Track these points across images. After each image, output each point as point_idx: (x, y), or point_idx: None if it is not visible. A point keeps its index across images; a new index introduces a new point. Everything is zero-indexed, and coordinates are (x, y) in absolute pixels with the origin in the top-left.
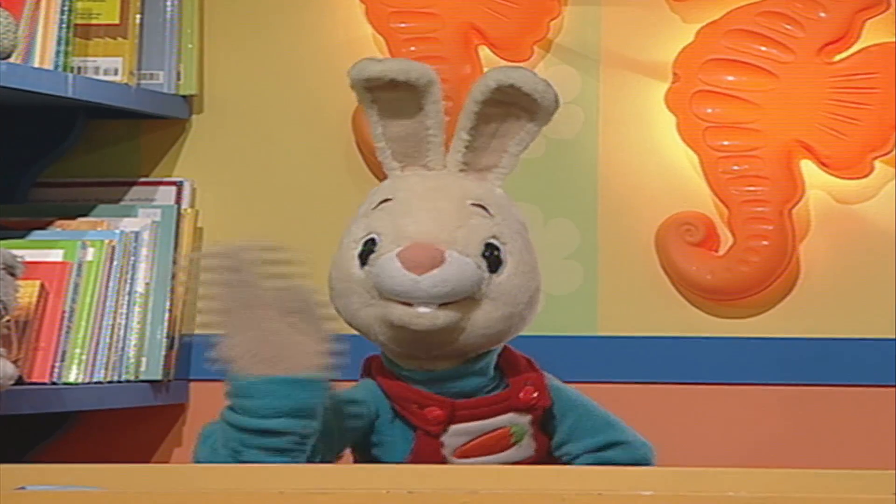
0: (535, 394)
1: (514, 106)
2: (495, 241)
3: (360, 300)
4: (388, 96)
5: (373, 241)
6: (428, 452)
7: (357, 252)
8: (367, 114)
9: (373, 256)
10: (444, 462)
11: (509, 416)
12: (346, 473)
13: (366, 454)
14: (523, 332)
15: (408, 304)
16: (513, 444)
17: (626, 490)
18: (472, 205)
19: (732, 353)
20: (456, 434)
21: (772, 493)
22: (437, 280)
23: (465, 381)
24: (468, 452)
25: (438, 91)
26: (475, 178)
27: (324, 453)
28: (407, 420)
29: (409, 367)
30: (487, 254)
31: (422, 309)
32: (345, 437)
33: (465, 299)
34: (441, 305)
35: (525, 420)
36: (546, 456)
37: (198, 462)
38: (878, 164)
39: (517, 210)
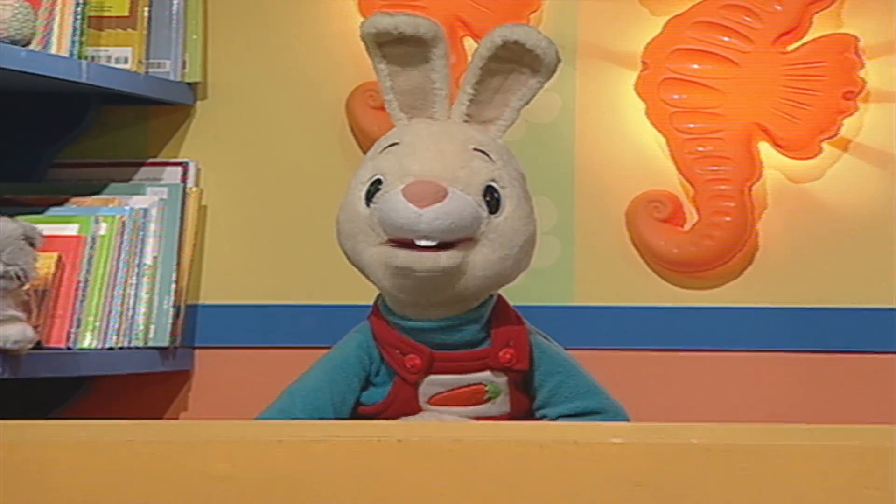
0: (513, 356)
1: (517, 62)
2: (495, 185)
3: (365, 239)
4: (397, 50)
5: (378, 182)
6: (403, 397)
7: (363, 192)
8: (377, 68)
9: (378, 194)
10: (418, 408)
11: (486, 374)
12: (339, 426)
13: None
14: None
15: (410, 244)
16: (486, 401)
17: (599, 439)
18: (475, 149)
19: (697, 321)
20: (431, 384)
21: (731, 442)
22: (439, 213)
23: (457, 332)
24: (441, 402)
25: (444, 46)
26: (479, 128)
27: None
28: (388, 364)
29: (403, 314)
30: (487, 196)
31: (424, 243)
32: (346, 404)
33: (464, 240)
34: (442, 247)
35: (501, 380)
36: (525, 415)
37: None
38: (825, 145)
39: (517, 161)
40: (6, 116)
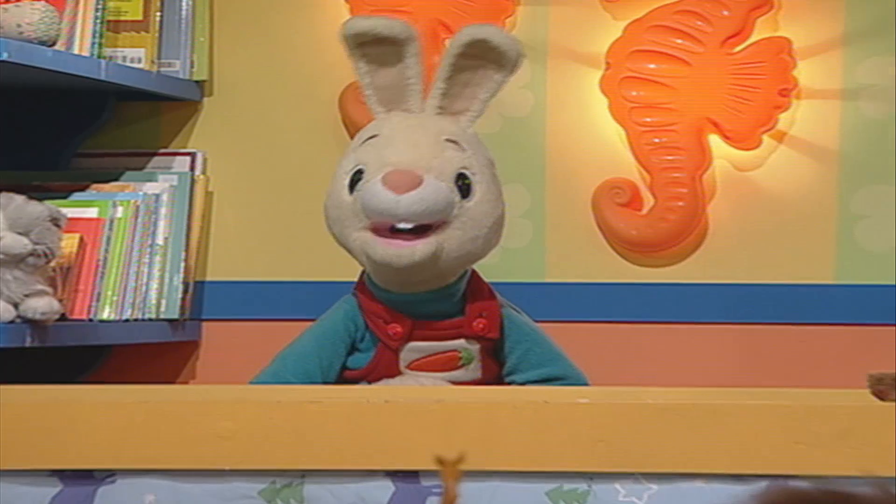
0: (485, 325)
1: (484, 58)
2: (466, 172)
3: (350, 224)
4: (374, 50)
5: (360, 172)
6: (385, 362)
7: (347, 181)
8: (357, 66)
9: (360, 183)
10: (398, 372)
11: (460, 342)
12: (331, 389)
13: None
14: (486, 279)
15: (390, 229)
16: (461, 366)
17: (566, 400)
18: (447, 140)
19: (653, 296)
20: (411, 350)
21: (681, 402)
22: (415, 199)
23: (434, 304)
24: (419, 367)
25: (418, 45)
26: (450, 119)
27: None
28: (372, 332)
29: (387, 288)
30: (459, 182)
31: (402, 225)
32: (333, 369)
33: (438, 226)
34: (419, 231)
35: (474, 347)
36: (495, 380)
37: None
38: (765, 137)
39: (486, 149)
40: (35, 111)
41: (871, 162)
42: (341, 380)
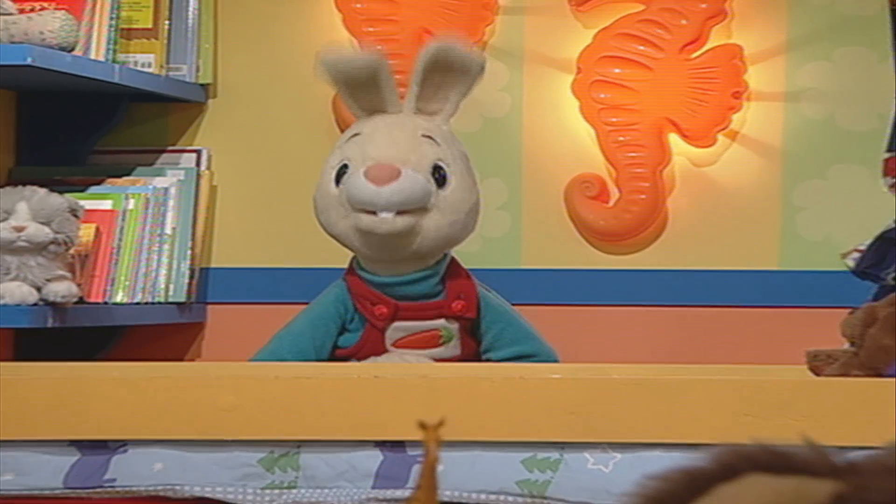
0: (464, 306)
1: (450, 67)
2: (441, 164)
3: (336, 213)
4: (351, 77)
5: (345, 166)
6: (372, 341)
7: (333, 175)
8: (337, 88)
9: (345, 176)
10: (384, 350)
11: (441, 321)
12: (325, 365)
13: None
14: (468, 266)
15: (373, 213)
16: (441, 344)
17: (540, 375)
18: (423, 135)
19: (619, 281)
20: (396, 329)
21: (643, 377)
22: (394, 190)
23: (417, 285)
24: (403, 345)
25: (386, 68)
26: (426, 118)
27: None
28: (360, 313)
29: (373, 269)
30: (435, 174)
31: (383, 215)
32: (325, 348)
33: (418, 209)
34: (399, 213)
35: (454, 326)
36: (473, 358)
37: None
38: (720, 136)
39: (460, 143)
40: (55, 112)
41: (810, 159)
42: (332, 358)
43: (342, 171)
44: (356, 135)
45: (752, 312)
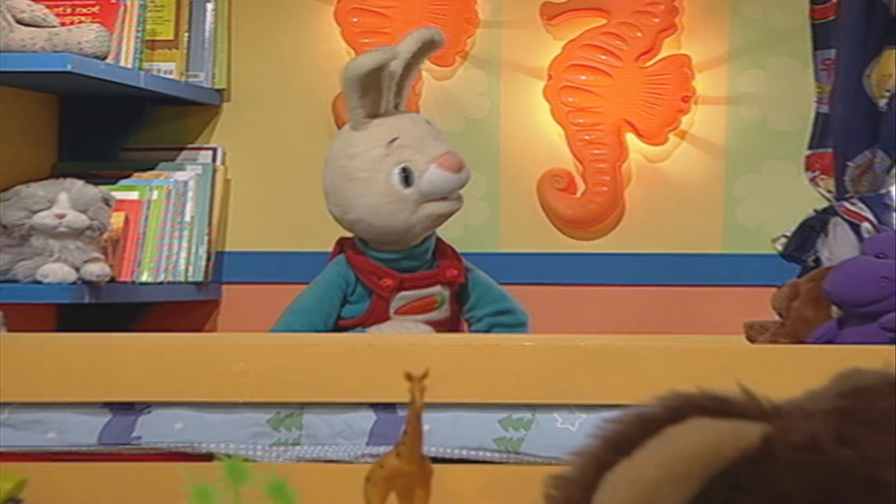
0: (457, 273)
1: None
2: None
3: (407, 210)
4: (368, 80)
5: (406, 169)
6: (378, 311)
7: (398, 179)
8: (355, 97)
9: (416, 176)
10: (387, 318)
11: (437, 288)
12: (327, 336)
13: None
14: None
15: (444, 199)
16: (436, 308)
17: (515, 343)
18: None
19: (584, 263)
20: (399, 298)
21: (608, 345)
22: (466, 172)
23: (416, 259)
24: (405, 312)
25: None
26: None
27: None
28: (365, 286)
29: (382, 250)
30: None
31: (454, 197)
32: (331, 319)
33: None
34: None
35: (446, 292)
36: (457, 317)
37: None
38: (670, 136)
39: None
40: (90, 114)
41: (748, 155)
42: (337, 328)
43: (407, 174)
44: (394, 140)
45: (699, 290)
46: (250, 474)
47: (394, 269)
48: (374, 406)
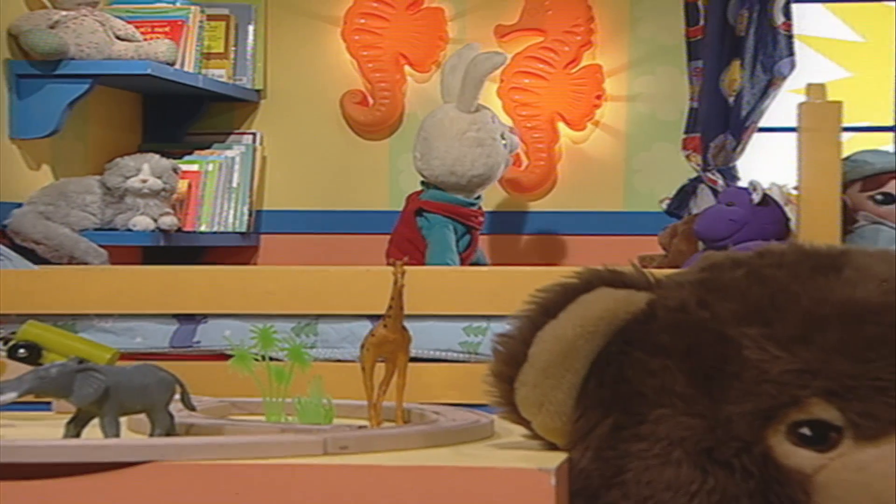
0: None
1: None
2: None
3: (502, 160)
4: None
5: (503, 135)
6: (475, 242)
7: (502, 143)
8: (478, 86)
9: (507, 139)
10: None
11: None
12: (334, 267)
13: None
14: None
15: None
16: None
17: (474, 270)
18: None
19: (530, 219)
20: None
21: (540, 270)
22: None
23: (478, 201)
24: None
25: None
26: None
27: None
28: (465, 224)
29: (467, 197)
30: None
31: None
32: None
33: None
34: None
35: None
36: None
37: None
38: (589, 124)
39: None
40: (164, 107)
41: (642, 138)
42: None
43: (504, 139)
44: (480, 121)
45: (605, 238)
46: (277, 343)
47: (477, 208)
48: (371, 317)
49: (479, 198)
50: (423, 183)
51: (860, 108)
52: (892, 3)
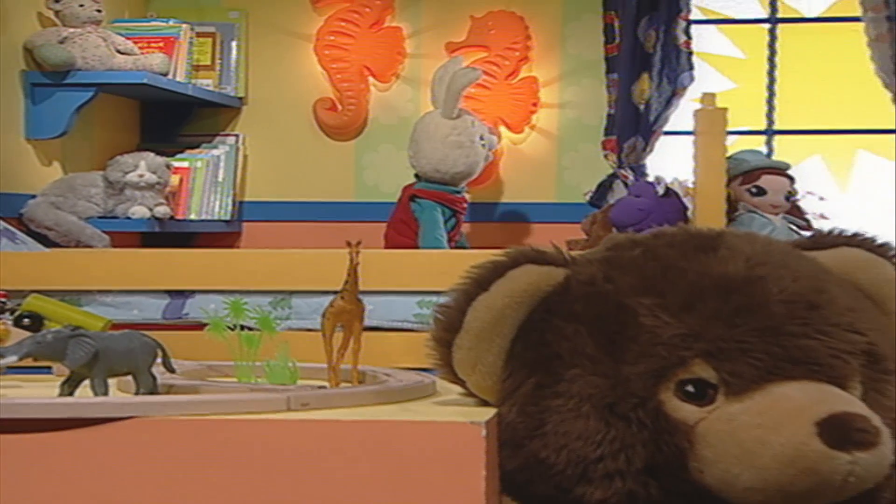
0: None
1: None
2: None
3: (481, 158)
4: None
5: (482, 136)
6: (460, 224)
7: (480, 143)
8: (457, 96)
9: (486, 139)
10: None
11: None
12: (306, 249)
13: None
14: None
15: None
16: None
17: (427, 252)
18: None
19: (477, 207)
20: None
21: (486, 253)
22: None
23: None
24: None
25: None
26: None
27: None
28: (451, 209)
29: (453, 184)
30: None
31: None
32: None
33: None
34: None
35: None
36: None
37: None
38: (526, 128)
39: None
40: (158, 112)
41: (571, 140)
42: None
43: (483, 140)
44: (473, 121)
45: (539, 225)
46: (247, 313)
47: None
48: (337, 292)
49: (463, 187)
50: (416, 175)
51: (742, 114)
52: (766, 26)
